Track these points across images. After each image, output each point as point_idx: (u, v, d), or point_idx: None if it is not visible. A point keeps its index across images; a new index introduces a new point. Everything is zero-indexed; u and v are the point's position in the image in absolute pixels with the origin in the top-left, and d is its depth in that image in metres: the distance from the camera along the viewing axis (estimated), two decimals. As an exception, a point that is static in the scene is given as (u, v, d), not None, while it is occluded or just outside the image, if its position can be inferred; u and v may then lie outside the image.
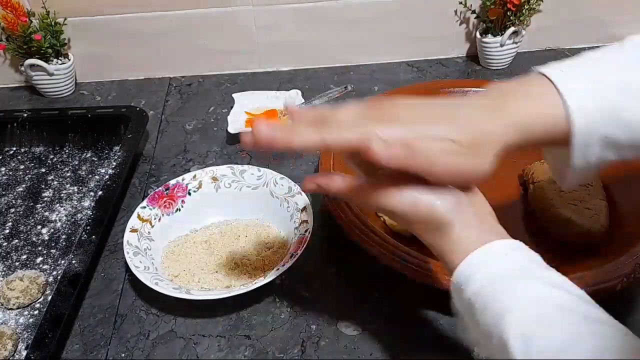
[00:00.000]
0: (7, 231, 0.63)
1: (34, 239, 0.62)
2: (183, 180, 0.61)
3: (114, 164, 0.66)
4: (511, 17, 0.82)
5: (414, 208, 0.36)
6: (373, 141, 0.33)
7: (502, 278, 0.33)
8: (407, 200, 0.36)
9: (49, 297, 0.52)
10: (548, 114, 0.35)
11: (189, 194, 0.61)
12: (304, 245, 0.52)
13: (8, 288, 0.54)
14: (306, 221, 0.55)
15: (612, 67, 0.36)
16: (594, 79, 0.35)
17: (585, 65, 0.36)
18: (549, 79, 0.35)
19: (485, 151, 0.35)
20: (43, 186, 0.70)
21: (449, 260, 0.36)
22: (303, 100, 0.77)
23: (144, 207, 0.59)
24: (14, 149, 0.76)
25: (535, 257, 0.35)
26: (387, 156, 0.33)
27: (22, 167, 0.73)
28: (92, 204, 0.65)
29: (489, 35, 0.84)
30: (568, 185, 0.40)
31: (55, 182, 0.70)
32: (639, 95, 0.35)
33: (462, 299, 0.34)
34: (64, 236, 0.62)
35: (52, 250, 0.60)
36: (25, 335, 0.51)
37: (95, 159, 0.73)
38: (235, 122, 0.74)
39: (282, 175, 0.61)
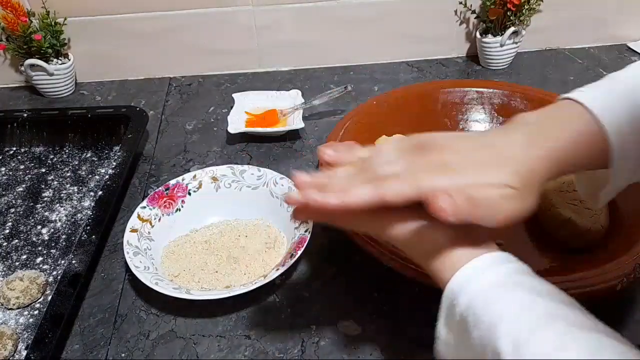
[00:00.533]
0: (7, 231, 0.63)
1: (34, 239, 0.62)
2: (183, 180, 0.61)
3: (114, 164, 0.66)
4: (511, 17, 0.82)
5: (414, 237, 0.36)
6: (439, 198, 0.32)
7: (491, 290, 0.32)
8: (408, 230, 0.36)
9: (49, 297, 0.52)
10: (585, 141, 0.35)
11: (189, 194, 0.61)
12: (304, 246, 0.52)
13: (8, 288, 0.54)
14: (306, 221, 0.55)
15: (636, 82, 0.36)
16: (624, 98, 0.36)
17: (611, 86, 0.37)
18: (579, 103, 0.36)
19: (533, 189, 0.35)
20: (43, 186, 0.70)
21: (440, 279, 0.36)
22: (303, 100, 0.77)
23: (144, 207, 0.59)
24: (14, 149, 0.76)
25: (523, 267, 0.35)
26: (453, 212, 0.32)
27: (22, 167, 0.73)
28: (92, 204, 0.65)
29: (489, 35, 0.84)
30: (601, 204, 0.41)
31: (55, 182, 0.70)
32: None
33: (454, 316, 0.34)
34: (64, 236, 0.62)
35: (52, 250, 0.60)
36: (25, 335, 0.51)
37: (95, 159, 0.73)
38: (236, 122, 0.74)
39: (282, 175, 0.61)
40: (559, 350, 0.28)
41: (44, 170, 0.72)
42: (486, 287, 0.33)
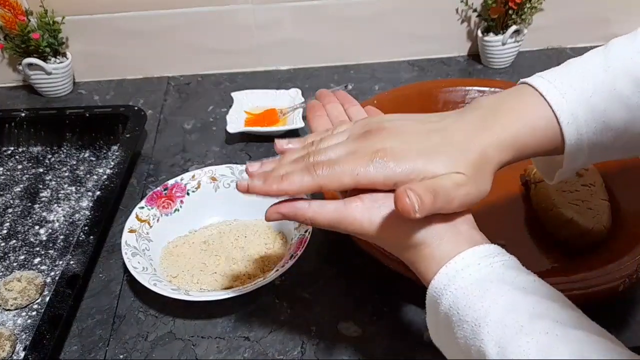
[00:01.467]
0: (5, 232, 0.63)
1: (31, 239, 0.62)
2: (182, 180, 0.61)
3: (112, 163, 0.65)
4: (513, 16, 0.81)
5: (388, 232, 0.35)
6: (404, 195, 0.31)
7: (475, 286, 0.31)
8: (379, 224, 0.35)
9: (47, 298, 0.52)
10: (539, 128, 0.35)
11: (188, 194, 0.61)
12: (304, 246, 0.52)
13: (6, 289, 0.53)
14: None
15: (597, 72, 0.36)
16: (581, 87, 0.35)
17: (570, 74, 0.36)
18: (536, 89, 0.36)
19: (485, 175, 0.35)
20: (41, 186, 0.69)
21: (424, 279, 0.34)
22: (303, 99, 0.77)
23: (143, 208, 0.58)
24: (12, 148, 0.75)
25: (510, 261, 0.33)
26: (421, 210, 0.31)
27: (19, 167, 0.73)
28: (90, 204, 0.65)
29: (491, 33, 0.84)
30: (555, 182, 0.41)
31: (53, 182, 0.70)
32: (623, 99, 0.35)
33: (438, 315, 0.33)
34: (62, 237, 0.62)
35: (50, 251, 0.60)
36: (23, 337, 0.51)
37: (94, 159, 0.73)
38: (235, 122, 0.73)
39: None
40: (543, 352, 0.27)
41: (41, 170, 0.72)
42: (469, 285, 0.31)
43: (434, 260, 0.34)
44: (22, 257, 0.60)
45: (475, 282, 0.31)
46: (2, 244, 0.61)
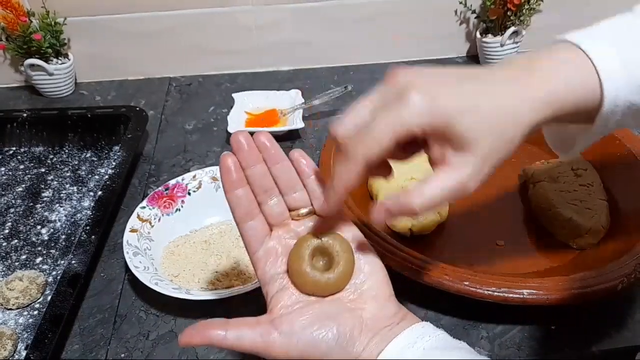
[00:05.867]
0: (7, 231, 0.63)
1: (33, 239, 0.62)
2: (183, 180, 0.61)
3: (114, 164, 0.65)
4: (511, 17, 0.82)
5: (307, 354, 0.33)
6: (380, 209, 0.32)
7: None
8: (296, 354, 0.33)
9: (49, 297, 0.52)
10: (578, 83, 0.32)
11: (189, 194, 0.61)
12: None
13: (8, 288, 0.54)
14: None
15: (634, 31, 0.33)
16: (620, 44, 0.32)
17: (608, 31, 0.34)
18: (576, 45, 0.33)
19: (511, 134, 0.31)
20: (43, 186, 0.69)
21: None
22: (303, 100, 0.77)
23: (144, 207, 0.59)
24: (14, 148, 0.76)
25: (432, 341, 0.32)
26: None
27: (21, 167, 0.73)
28: (92, 204, 0.65)
29: (489, 35, 0.84)
30: (572, 155, 0.38)
31: (55, 182, 0.70)
32: None
33: None
34: (63, 236, 0.62)
35: (51, 251, 0.60)
36: (25, 336, 0.51)
37: (95, 159, 0.73)
38: (235, 122, 0.74)
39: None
40: None
41: (43, 170, 0.72)
42: None
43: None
44: (24, 256, 0.60)
45: None
46: (4, 244, 0.62)
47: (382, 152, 0.31)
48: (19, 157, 0.75)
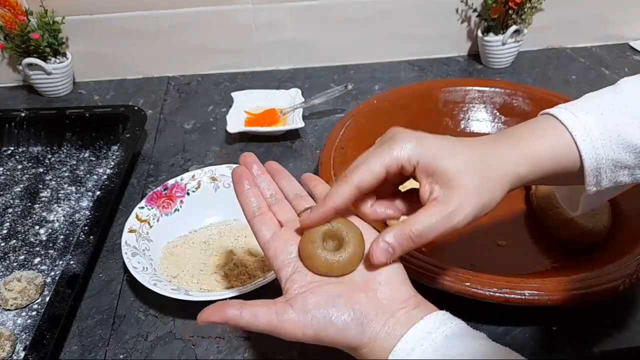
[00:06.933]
0: (5, 232, 0.63)
1: (31, 239, 0.62)
2: (182, 180, 0.61)
3: (112, 163, 0.65)
4: (513, 16, 0.81)
5: (323, 341, 0.34)
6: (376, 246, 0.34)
7: None
8: (312, 335, 0.34)
9: (47, 298, 0.52)
10: (556, 146, 0.36)
11: (188, 194, 0.61)
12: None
13: (6, 289, 0.53)
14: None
15: (607, 95, 0.37)
16: (592, 107, 0.37)
17: (581, 101, 0.38)
18: (552, 115, 0.37)
19: (495, 187, 0.35)
20: (41, 186, 0.69)
21: None
22: (303, 99, 0.77)
23: (143, 208, 0.58)
24: (12, 148, 0.75)
25: (453, 328, 0.32)
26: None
27: (19, 167, 0.73)
28: (90, 204, 0.65)
29: (491, 33, 0.84)
30: (581, 211, 0.41)
31: (53, 182, 0.70)
32: (636, 115, 0.36)
33: None
34: (61, 237, 0.62)
35: (50, 251, 0.60)
36: (24, 337, 0.51)
37: (94, 159, 0.73)
38: (235, 122, 0.73)
39: (282, 175, 0.60)
40: None
41: (41, 170, 0.72)
42: None
43: (378, 347, 0.33)
44: (22, 257, 0.60)
45: None
46: (2, 244, 0.61)
47: (373, 179, 0.35)
48: (17, 156, 0.74)
